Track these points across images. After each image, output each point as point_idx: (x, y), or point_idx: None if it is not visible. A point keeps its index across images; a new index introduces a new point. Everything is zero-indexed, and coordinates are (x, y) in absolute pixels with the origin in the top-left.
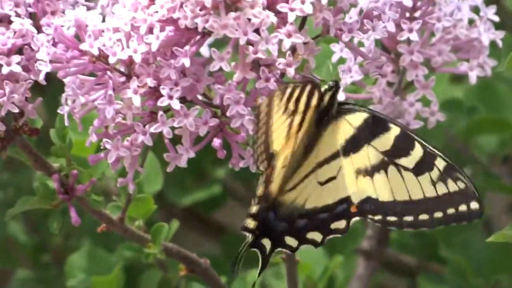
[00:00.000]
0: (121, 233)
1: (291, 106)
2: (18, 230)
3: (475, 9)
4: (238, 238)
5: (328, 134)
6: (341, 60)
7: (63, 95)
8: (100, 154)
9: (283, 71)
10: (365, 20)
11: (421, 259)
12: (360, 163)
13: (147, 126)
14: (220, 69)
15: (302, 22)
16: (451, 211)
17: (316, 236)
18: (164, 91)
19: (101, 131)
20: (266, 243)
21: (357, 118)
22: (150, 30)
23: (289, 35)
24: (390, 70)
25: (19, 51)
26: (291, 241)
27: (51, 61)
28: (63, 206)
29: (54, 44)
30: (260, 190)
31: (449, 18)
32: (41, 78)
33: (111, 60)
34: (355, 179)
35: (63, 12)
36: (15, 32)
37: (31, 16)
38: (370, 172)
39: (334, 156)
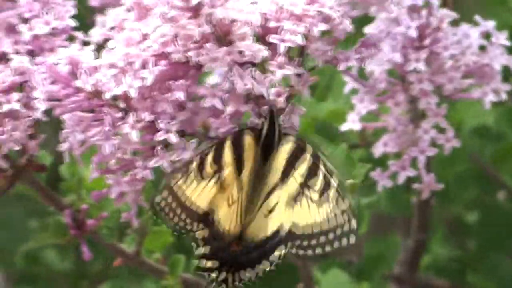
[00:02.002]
0: (137, 266)
1: (209, 169)
2: (56, 259)
3: (487, 35)
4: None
5: (274, 163)
6: (354, 91)
7: (62, 132)
8: (103, 190)
9: (273, 102)
10: (362, 49)
11: (454, 283)
12: (289, 193)
13: (147, 161)
14: None
15: (301, 51)
16: (338, 231)
17: (265, 265)
18: (161, 125)
19: (104, 167)
20: (229, 277)
21: (288, 146)
22: (145, 65)
23: (280, 67)
24: (402, 99)
25: (21, 88)
26: (250, 272)
27: (47, 99)
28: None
29: (53, 82)
30: (201, 234)
31: (456, 46)
32: (38, 115)
33: (106, 96)
34: (285, 209)
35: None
36: (14, 70)
37: (31, 53)
38: (291, 202)
39: (276, 185)
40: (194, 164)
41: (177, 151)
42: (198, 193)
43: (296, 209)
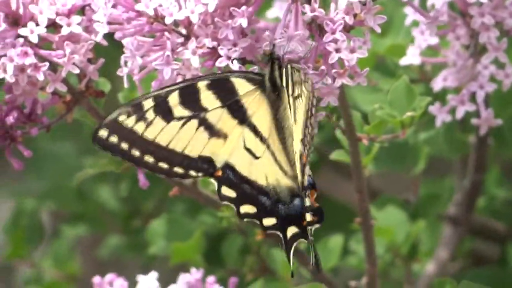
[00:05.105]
0: (194, 197)
1: (178, 112)
2: (109, 197)
3: None
4: (336, 204)
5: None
6: (415, 23)
7: (122, 56)
8: None
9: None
10: None
11: (509, 225)
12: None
13: None
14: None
15: None
16: None
17: None
18: (222, 51)
19: None
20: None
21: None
22: None
23: None
24: (463, 33)
25: (82, 12)
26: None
27: (108, 22)
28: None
29: (115, 6)
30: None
31: None
32: (98, 39)
33: (168, 20)
34: None
35: None
36: None
37: None
38: None
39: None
40: (148, 107)
41: None
42: (172, 137)
43: None
